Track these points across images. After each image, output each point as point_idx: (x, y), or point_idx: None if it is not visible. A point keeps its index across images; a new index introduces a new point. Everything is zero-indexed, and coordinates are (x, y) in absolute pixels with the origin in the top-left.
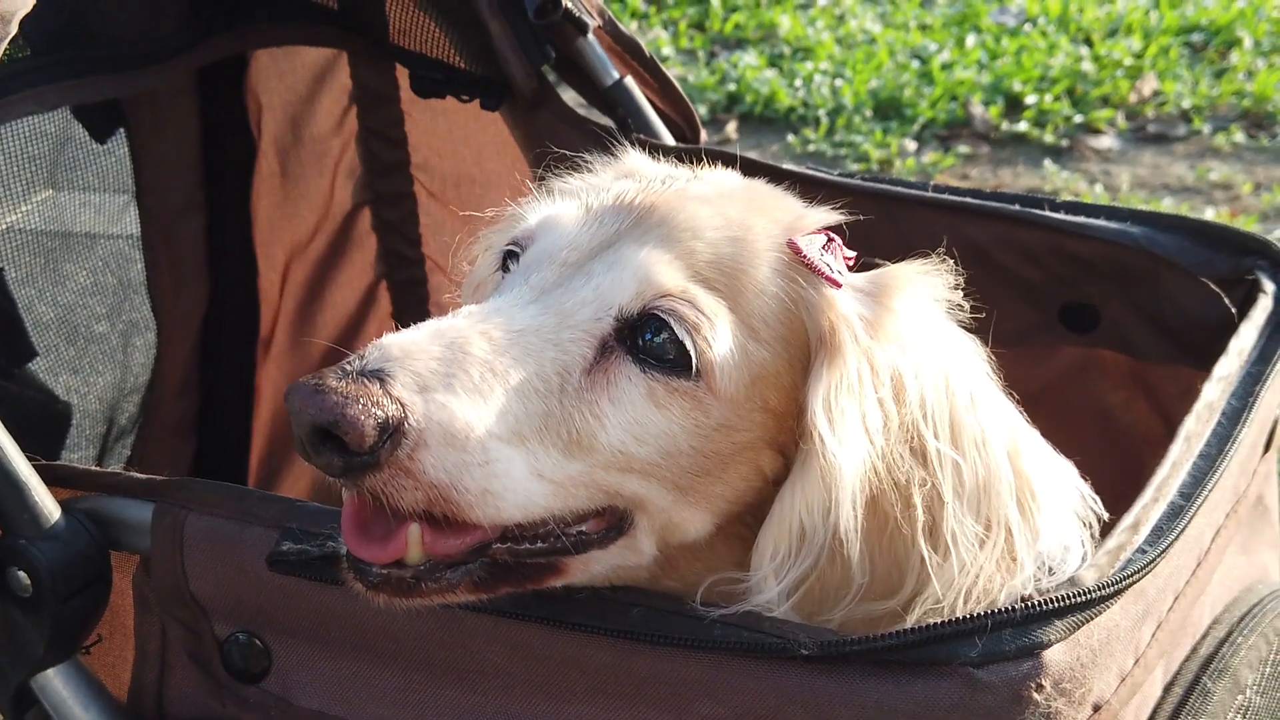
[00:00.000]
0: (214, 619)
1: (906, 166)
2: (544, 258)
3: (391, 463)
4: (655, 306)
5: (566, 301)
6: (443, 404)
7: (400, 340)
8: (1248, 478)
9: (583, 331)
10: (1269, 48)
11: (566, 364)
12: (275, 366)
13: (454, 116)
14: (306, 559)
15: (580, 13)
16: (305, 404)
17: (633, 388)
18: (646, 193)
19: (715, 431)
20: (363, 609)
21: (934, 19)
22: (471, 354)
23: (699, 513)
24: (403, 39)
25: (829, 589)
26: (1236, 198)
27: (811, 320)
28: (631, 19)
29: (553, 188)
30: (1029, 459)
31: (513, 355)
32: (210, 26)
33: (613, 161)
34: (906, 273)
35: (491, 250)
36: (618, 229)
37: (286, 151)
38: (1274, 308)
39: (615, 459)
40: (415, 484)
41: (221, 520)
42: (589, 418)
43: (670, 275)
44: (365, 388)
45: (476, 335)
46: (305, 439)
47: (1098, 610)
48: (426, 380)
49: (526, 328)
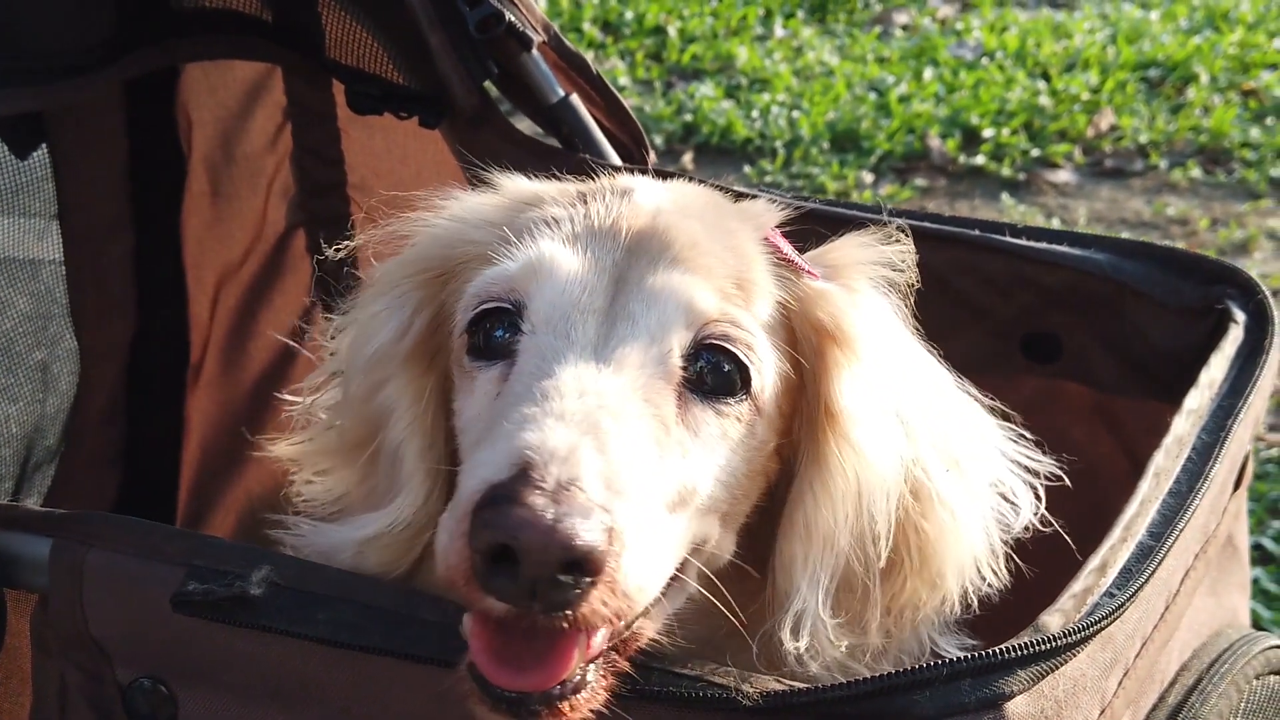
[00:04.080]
0: (116, 663)
1: (863, 199)
2: (565, 307)
3: (603, 579)
4: (706, 336)
5: (629, 354)
6: (627, 503)
7: (556, 440)
8: (1218, 516)
9: (661, 382)
10: (1225, 84)
11: (665, 420)
12: (205, 395)
13: (392, 135)
14: (213, 599)
15: (524, 27)
16: (544, 541)
17: (709, 426)
18: (619, 213)
19: (758, 450)
20: (274, 654)
21: (892, 52)
22: (611, 438)
23: (730, 534)
24: (339, 53)
25: (855, 593)
26: (1193, 233)
27: (805, 314)
28: (588, 48)
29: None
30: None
31: (632, 431)
32: (138, 38)
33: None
34: (853, 252)
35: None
36: (615, 258)
37: (218, 170)
38: (1245, 338)
39: (705, 504)
40: (614, 594)
41: (124, 557)
42: (692, 470)
43: (707, 299)
44: (579, 503)
45: (599, 413)
46: (540, 577)
47: (1063, 659)
48: (609, 481)
49: (618, 394)
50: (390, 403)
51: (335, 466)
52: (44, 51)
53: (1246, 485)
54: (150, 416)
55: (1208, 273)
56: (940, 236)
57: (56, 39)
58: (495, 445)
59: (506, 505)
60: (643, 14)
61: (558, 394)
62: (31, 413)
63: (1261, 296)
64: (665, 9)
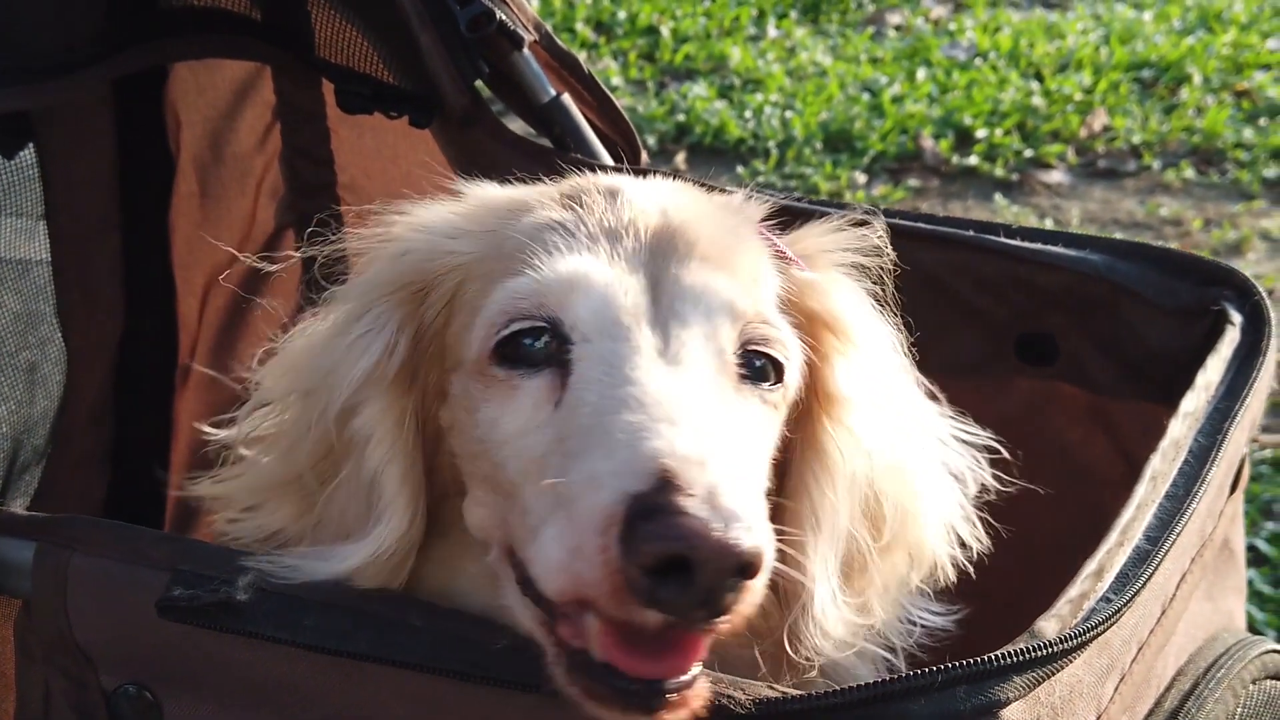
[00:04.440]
0: (101, 669)
1: (856, 199)
2: (614, 312)
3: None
4: (749, 336)
5: (694, 355)
6: (754, 504)
7: (686, 447)
8: (1214, 520)
9: (724, 378)
10: (1218, 84)
11: (735, 416)
12: (194, 397)
13: (383, 135)
14: (199, 605)
15: (515, 26)
16: (721, 550)
17: (757, 418)
18: (632, 213)
19: (778, 440)
20: (260, 660)
21: (885, 52)
22: (719, 440)
23: None
24: (329, 52)
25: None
26: (1186, 233)
27: (800, 304)
28: (581, 49)
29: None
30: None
31: (728, 431)
32: (127, 37)
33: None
34: (822, 240)
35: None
36: (642, 259)
37: (206, 170)
38: (1241, 340)
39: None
40: (753, 593)
41: (109, 562)
42: (758, 463)
43: (743, 297)
44: (732, 509)
45: (701, 416)
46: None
47: (1059, 665)
48: (735, 483)
49: (704, 395)
50: (367, 428)
51: (270, 501)
52: (32, 50)
53: (1243, 488)
54: (139, 418)
55: (1204, 274)
56: (934, 237)
57: (45, 37)
58: (613, 455)
59: (671, 516)
60: (635, 14)
61: (654, 400)
62: (20, 414)
63: (1258, 298)
64: (658, 9)
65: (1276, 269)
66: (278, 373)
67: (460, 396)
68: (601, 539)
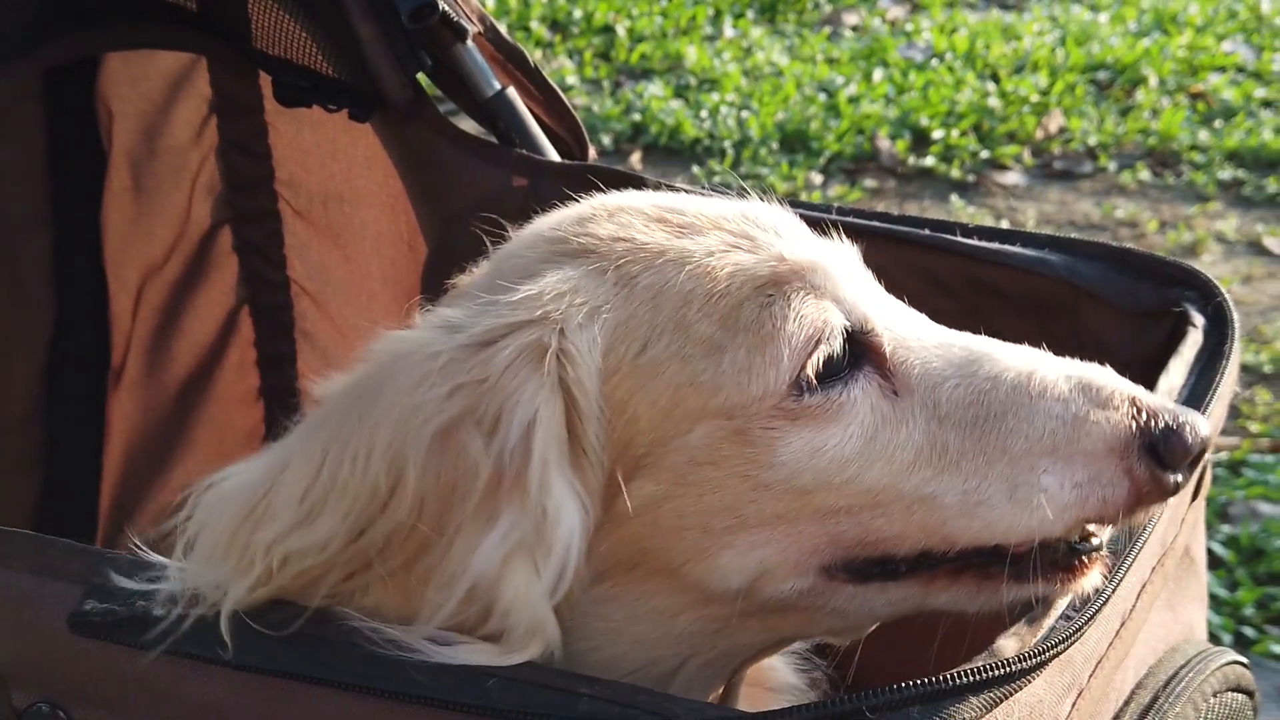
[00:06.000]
0: (11, 686)
1: (812, 199)
2: (856, 288)
3: None
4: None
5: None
6: None
7: (1106, 375)
8: (1176, 526)
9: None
10: (1173, 86)
11: None
12: (127, 396)
13: (322, 129)
14: (113, 620)
15: (459, 17)
16: (1200, 436)
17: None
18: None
19: None
20: (179, 679)
21: (841, 53)
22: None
23: None
24: (266, 43)
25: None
26: (1142, 235)
27: None
28: (536, 47)
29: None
30: None
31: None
32: (57, 27)
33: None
34: None
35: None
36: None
37: (140, 164)
38: (1204, 343)
39: None
40: None
41: (18, 574)
42: None
43: None
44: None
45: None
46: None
47: (1019, 684)
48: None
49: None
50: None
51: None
52: None
53: (1205, 495)
54: (70, 419)
55: (1165, 275)
56: (889, 236)
57: None
58: (1068, 402)
59: (1176, 433)
60: (591, 12)
61: (1008, 361)
62: None
63: (1220, 299)
64: (614, 8)
65: (1232, 271)
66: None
67: (707, 454)
68: (1123, 461)
